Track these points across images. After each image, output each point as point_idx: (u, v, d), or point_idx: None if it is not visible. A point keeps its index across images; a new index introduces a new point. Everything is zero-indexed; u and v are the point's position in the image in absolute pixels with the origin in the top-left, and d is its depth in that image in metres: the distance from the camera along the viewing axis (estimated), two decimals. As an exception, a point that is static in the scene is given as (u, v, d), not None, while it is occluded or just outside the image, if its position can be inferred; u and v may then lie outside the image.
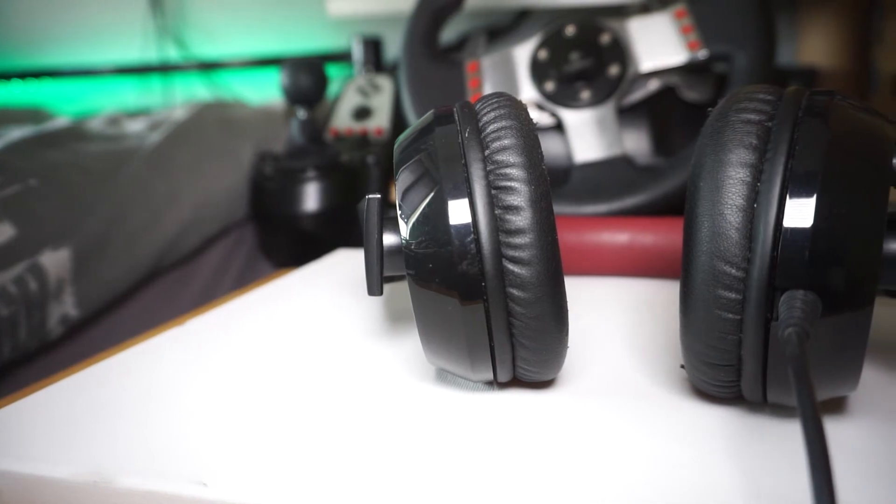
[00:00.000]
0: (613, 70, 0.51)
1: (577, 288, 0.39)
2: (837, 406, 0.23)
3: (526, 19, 0.86)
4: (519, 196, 0.22)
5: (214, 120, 0.71)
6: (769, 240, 0.19)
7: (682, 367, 0.23)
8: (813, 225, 0.19)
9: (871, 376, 0.26)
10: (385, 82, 0.82)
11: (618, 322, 0.33)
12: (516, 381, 0.26)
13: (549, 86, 0.52)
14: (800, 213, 0.19)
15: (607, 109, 0.52)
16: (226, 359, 0.31)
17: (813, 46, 1.02)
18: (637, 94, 0.54)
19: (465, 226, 0.22)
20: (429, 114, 0.25)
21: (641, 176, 0.49)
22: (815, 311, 0.18)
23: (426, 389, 0.26)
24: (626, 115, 0.55)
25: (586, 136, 0.52)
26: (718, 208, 0.20)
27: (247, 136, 0.72)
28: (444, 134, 0.24)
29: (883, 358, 0.28)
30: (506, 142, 0.22)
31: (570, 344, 0.25)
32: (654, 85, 0.54)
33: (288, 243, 0.67)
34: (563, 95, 0.52)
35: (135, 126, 0.74)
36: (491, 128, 0.23)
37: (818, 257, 0.19)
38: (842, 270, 0.19)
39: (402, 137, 0.25)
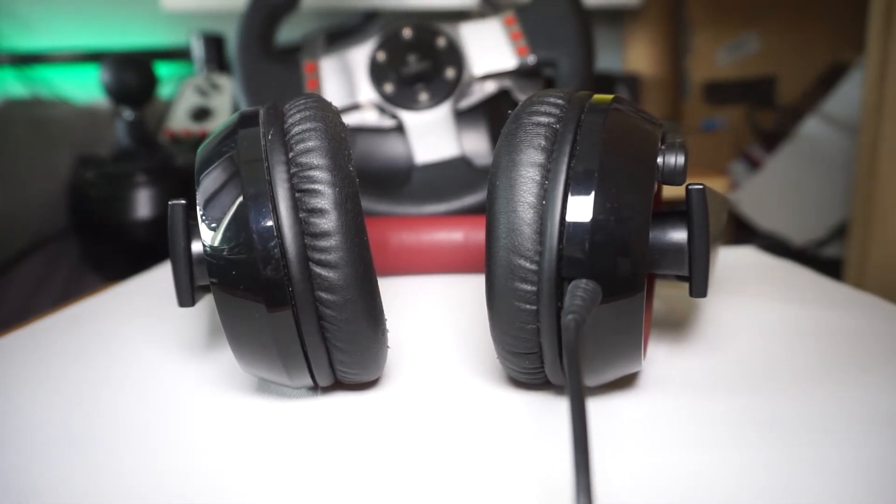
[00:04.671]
0: (450, 73, 0.53)
1: (413, 287, 0.40)
2: (629, 382, 0.26)
3: (371, 22, 0.86)
4: (323, 199, 0.21)
5: (23, 119, 0.63)
6: (555, 234, 0.21)
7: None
8: (591, 219, 0.20)
9: (662, 352, 0.29)
10: (226, 82, 0.78)
11: (446, 318, 0.34)
12: (339, 384, 0.26)
13: (389, 87, 0.52)
14: (580, 208, 0.21)
15: (445, 111, 0.53)
16: (15, 389, 0.27)
17: (636, 55, 1.13)
18: (475, 97, 0.56)
19: (268, 230, 0.21)
20: (233, 116, 0.24)
21: (479, 175, 0.51)
22: (594, 298, 0.20)
23: (244, 402, 0.25)
24: (466, 116, 0.57)
25: (426, 137, 0.53)
26: (512, 206, 0.21)
27: (65, 138, 0.65)
28: (246, 136, 0.23)
29: (672, 334, 0.31)
30: (310, 144, 0.22)
31: (393, 343, 0.25)
32: (490, 87, 0.56)
33: (117, 254, 0.62)
34: (403, 97, 0.53)
35: (-78, 127, 0.64)
36: (296, 129, 0.23)
37: (596, 248, 0.20)
38: (616, 259, 0.20)
39: (205, 141, 0.24)
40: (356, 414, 0.24)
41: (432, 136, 0.53)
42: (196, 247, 0.25)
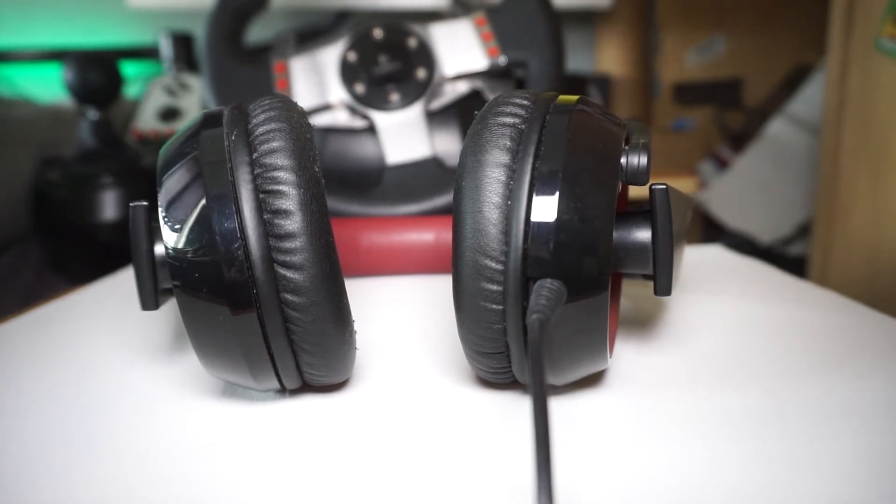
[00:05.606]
0: (421, 73, 0.53)
1: (383, 288, 0.40)
2: (596, 380, 0.26)
3: (342, 22, 0.86)
4: (288, 200, 0.21)
5: (-17, 120, 0.62)
6: (520, 234, 0.21)
7: (468, 358, 0.25)
8: (556, 219, 0.21)
9: (629, 350, 0.29)
10: (195, 82, 0.77)
11: (416, 319, 0.34)
12: (308, 387, 0.26)
13: (360, 88, 0.52)
14: (544, 208, 0.21)
15: (416, 111, 0.53)
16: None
17: (607, 56, 1.14)
18: (447, 97, 0.56)
19: (231, 231, 0.21)
20: (196, 116, 0.24)
21: (450, 176, 0.51)
22: (559, 297, 0.20)
23: (210, 406, 0.25)
24: (437, 117, 0.57)
25: (397, 137, 0.53)
26: (478, 206, 0.21)
27: (27, 138, 0.64)
28: (209, 137, 0.22)
29: (639, 333, 0.31)
30: (274, 144, 0.22)
31: (362, 344, 0.25)
32: (462, 88, 0.57)
33: (83, 257, 0.60)
34: (374, 98, 0.52)
35: None
36: (260, 130, 0.22)
37: (561, 248, 0.21)
38: (580, 258, 0.21)
39: (168, 141, 0.24)
40: (324, 416, 0.24)
41: (404, 136, 0.53)
42: (159, 249, 0.24)
